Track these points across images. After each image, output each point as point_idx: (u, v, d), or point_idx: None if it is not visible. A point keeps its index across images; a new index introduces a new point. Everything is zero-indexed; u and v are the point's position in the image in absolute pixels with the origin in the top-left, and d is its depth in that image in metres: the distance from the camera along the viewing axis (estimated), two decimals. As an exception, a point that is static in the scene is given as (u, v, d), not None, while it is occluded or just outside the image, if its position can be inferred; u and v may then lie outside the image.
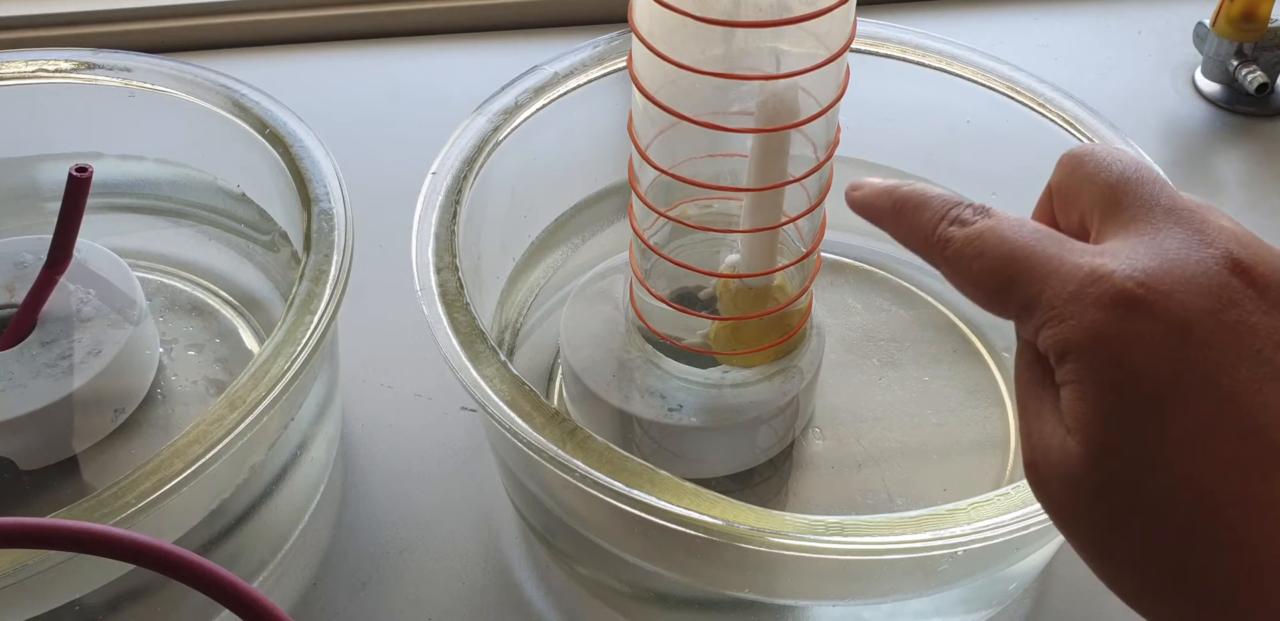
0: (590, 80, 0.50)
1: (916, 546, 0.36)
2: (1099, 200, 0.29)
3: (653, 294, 0.44)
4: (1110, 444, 0.25)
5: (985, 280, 0.28)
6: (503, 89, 0.49)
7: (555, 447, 0.37)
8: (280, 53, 0.73)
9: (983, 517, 0.36)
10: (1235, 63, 0.69)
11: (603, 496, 0.37)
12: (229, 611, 0.29)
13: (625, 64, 0.44)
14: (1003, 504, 0.37)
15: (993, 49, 0.52)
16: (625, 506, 0.37)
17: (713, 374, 0.46)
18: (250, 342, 0.54)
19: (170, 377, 0.52)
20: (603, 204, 0.56)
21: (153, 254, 0.57)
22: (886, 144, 0.54)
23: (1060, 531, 0.27)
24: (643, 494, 0.36)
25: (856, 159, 0.52)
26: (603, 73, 0.51)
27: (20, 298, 0.48)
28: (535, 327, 0.55)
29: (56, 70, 0.52)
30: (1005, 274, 0.28)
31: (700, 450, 0.47)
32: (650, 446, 0.46)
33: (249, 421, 0.39)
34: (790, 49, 0.36)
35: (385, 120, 0.69)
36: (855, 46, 0.43)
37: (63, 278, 0.48)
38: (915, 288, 0.57)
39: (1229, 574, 0.24)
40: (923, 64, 0.52)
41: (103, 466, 0.49)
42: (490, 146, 0.47)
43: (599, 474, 0.37)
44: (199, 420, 0.39)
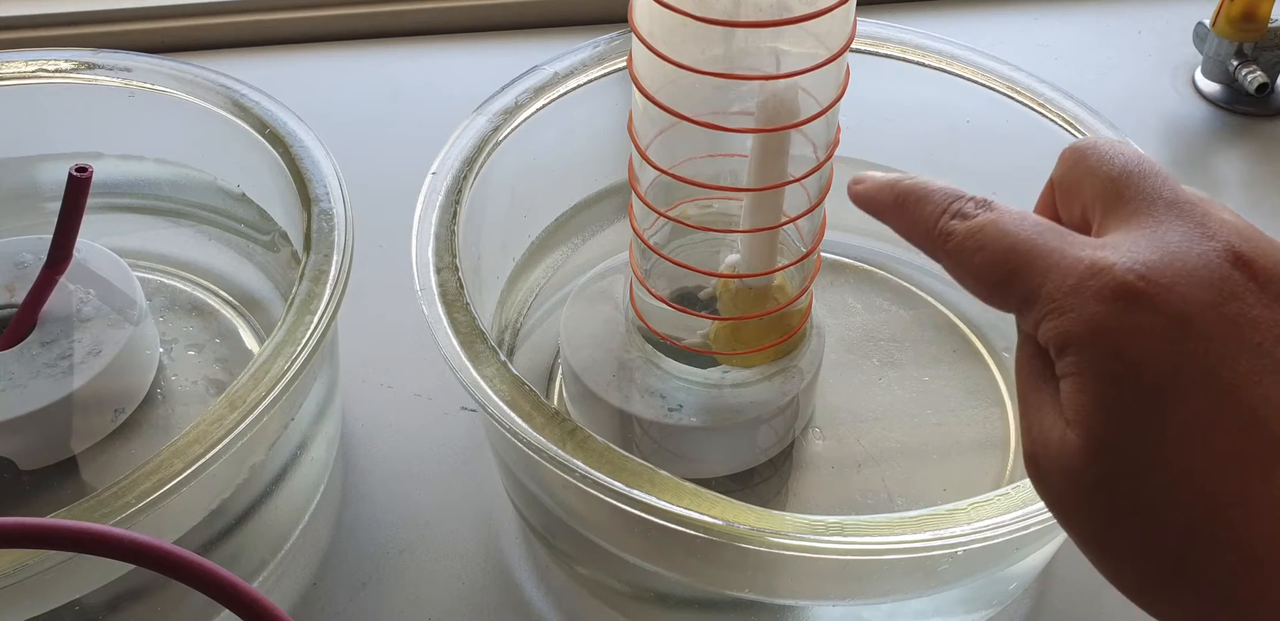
0: (590, 80, 0.50)
1: (916, 546, 0.36)
2: (1101, 193, 0.29)
3: (653, 294, 0.44)
4: (1110, 436, 0.25)
5: (986, 273, 0.28)
6: (503, 89, 0.49)
7: (555, 447, 0.37)
8: (280, 53, 0.73)
9: (983, 517, 0.36)
10: (1235, 63, 0.69)
11: (603, 496, 0.37)
12: (229, 611, 0.29)
13: (625, 64, 0.44)
14: (1003, 504, 0.37)
15: (993, 49, 0.52)
16: (625, 506, 0.37)
17: (713, 374, 0.46)
18: (250, 342, 0.54)
19: (170, 377, 0.52)
20: (603, 204, 0.56)
21: (153, 254, 0.57)
22: (886, 144, 0.54)
23: (1060, 524, 0.27)
24: (643, 494, 0.36)
25: (856, 159, 0.52)
26: (603, 73, 0.51)
27: (20, 298, 0.48)
28: (535, 328, 0.55)
29: (56, 70, 0.52)
30: (1006, 267, 0.28)
31: (700, 450, 0.47)
32: (650, 446, 0.46)
33: (249, 421, 0.39)
34: (790, 49, 0.36)
35: (385, 120, 0.69)
36: (855, 46, 0.43)
37: (63, 278, 0.48)
38: (915, 288, 0.57)
39: (1229, 568, 0.24)
40: (923, 64, 0.52)
41: (103, 466, 0.49)
42: (490, 146, 0.47)
43: (599, 474, 0.37)
44: (199, 420, 0.39)
